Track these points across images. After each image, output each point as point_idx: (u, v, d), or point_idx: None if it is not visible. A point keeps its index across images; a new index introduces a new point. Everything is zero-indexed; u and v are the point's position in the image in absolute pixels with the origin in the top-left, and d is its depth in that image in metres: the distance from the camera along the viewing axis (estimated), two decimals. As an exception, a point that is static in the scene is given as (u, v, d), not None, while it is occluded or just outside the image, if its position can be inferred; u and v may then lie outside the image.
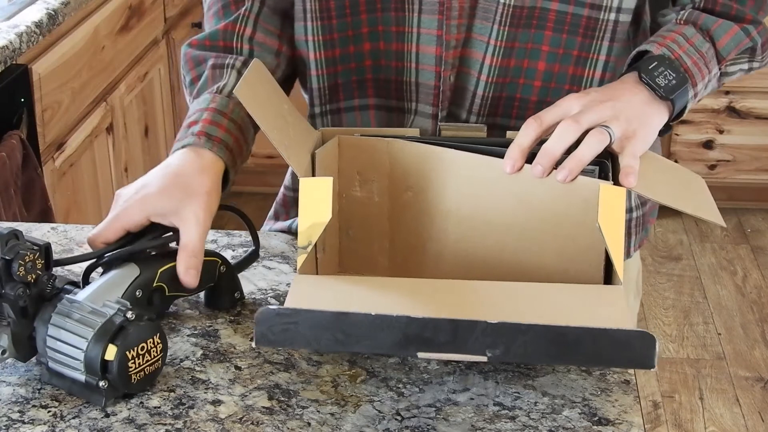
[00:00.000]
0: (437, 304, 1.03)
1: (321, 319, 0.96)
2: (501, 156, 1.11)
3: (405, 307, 1.01)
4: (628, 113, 1.14)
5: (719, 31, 1.24)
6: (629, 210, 1.41)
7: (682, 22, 1.25)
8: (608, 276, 1.10)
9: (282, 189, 1.46)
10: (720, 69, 1.25)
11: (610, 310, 1.01)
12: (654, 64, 1.19)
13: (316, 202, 1.05)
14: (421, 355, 0.96)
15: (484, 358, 0.95)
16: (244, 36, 1.30)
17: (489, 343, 0.94)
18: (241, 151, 1.22)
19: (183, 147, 1.18)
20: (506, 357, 0.95)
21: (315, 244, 1.06)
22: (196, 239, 1.10)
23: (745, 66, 1.29)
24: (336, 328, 0.96)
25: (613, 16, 1.25)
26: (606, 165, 1.11)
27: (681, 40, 1.22)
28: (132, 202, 1.12)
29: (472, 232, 1.13)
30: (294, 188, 1.44)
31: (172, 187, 1.13)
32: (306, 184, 1.06)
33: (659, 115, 1.18)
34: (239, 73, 1.26)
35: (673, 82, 1.18)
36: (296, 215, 1.21)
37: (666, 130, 1.22)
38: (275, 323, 0.96)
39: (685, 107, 1.21)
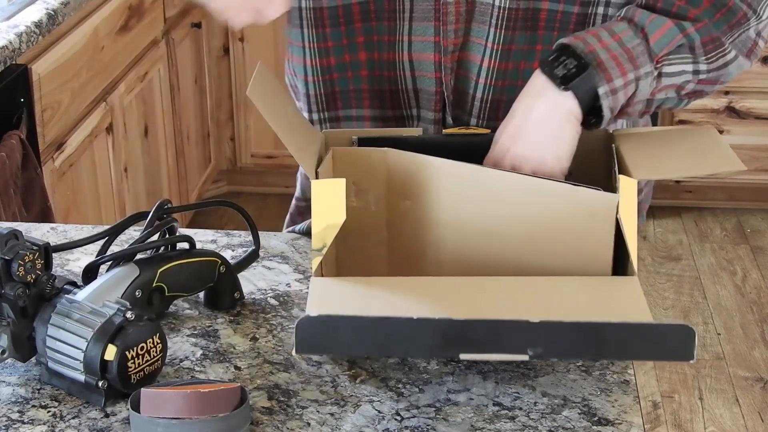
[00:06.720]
0: (468, 303, 1.03)
1: (361, 324, 0.95)
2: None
3: (436, 307, 1.01)
4: (530, 147, 1.15)
5: (652, 27, 1.18)
6: None
7: (619, 18, 1.20)
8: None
9: (293, 201, 1.46)
10: (655, 67, 1.18)
11: (631, 301, 1.01)
12: (555, 55, 1.16)
13: (330, 204, 1.05)
14: (463, 356, 0.95)
15: (525, 357, 0.95)
16: None
17: (530, 342, 0.94)
18: None
19: None
20: (546, 355, 0.95)
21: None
22: None
23: (689, 67, 1.20)
24: (377, 333, 0.95)
25: (601, 9, 1.24)
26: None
27: (605, 34, 1.17)
28: None
29: (471, 241, 1.12)
30: (305, 198, 1.43)
31: None
32: (318, 187, 1.06)
33: (562, 116, 1.15)
34: None
35: (573, 70, 1.14)
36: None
37: (595, 125, 1.18)
38: (316, 330, 0.95)
39: (598, 101, 1.15)
